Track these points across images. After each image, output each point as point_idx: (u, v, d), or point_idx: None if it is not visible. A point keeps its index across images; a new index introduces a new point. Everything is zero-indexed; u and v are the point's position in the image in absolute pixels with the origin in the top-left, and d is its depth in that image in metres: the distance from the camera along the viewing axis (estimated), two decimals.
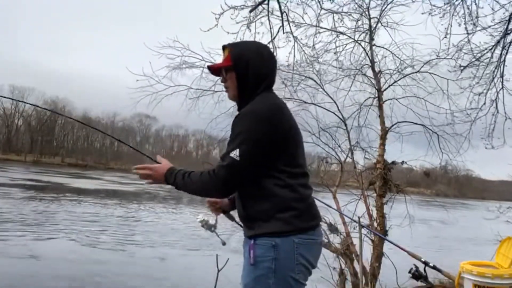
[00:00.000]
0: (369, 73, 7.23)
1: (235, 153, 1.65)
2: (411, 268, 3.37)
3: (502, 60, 6.35)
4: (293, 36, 6.42)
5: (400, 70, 7.08)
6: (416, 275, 3.34)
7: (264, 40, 6.18)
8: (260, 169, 1.69)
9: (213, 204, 2.09)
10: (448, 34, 6.16)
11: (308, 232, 1.72)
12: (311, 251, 1.73)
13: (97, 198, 22.31)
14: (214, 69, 1.93)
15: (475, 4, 5.92)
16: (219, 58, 6.48)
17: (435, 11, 6.07)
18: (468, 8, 5.94)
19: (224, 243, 2.27)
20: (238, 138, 1.68)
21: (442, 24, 6.12)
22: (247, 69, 1.79)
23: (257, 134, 1.66)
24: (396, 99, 7.12)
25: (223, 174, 1.66)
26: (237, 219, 1.97)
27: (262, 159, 1.67)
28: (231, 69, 1.82)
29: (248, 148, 1.65)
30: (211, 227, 2.22)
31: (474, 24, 6.00)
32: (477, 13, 5.93)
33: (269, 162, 1.69)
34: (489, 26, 5.95)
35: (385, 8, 6.87)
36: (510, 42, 6.16)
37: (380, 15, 6.96)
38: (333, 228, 6.34)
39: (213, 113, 6.65)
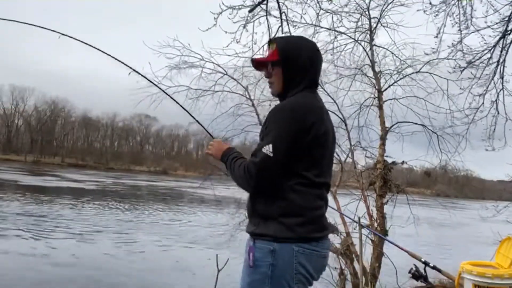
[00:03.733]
0: (369, 73, 7.25)
1: (267, 149, 1.60)
2: (411, 268, 3.37)
3: (502, 60, 6.34)
4: None
5: (400, 70, 7.10)
6: (416, 275, 3.35)
7: (264, 40, 6.19)
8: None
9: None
10: (442, 33, 6.16)
11: (311, 242, 1.64)
12: (312, 262, 1.65)
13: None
14: (259, 63, 1.87)
15: (470, 5, 5.92)
16: (218, 58, 6.45)
17: (430, 8, 6.07)
18: (463, 8, 5.94)
19: None
20: (271, 133, 1.62)
21: (436, 23, 6.13)
22: (294, 66, 1.73)
23: (290, 131, 1.61)
24: (396, 99, 7.13)
25: (255, 171, 1.61)
26: None
27: (291, 157, 1.63)
28: (277, 64, 1.76)
29: (281, 144, 1.60)
30: None
31: (467, 26, 6.00)
32: (471, 14, 5.93)
33: (291, 162, 1.63)
34: (488, 26, 5.95)
35: (385, 8, 6.89)
36: (510, 43, 6.16)
37: (380, 15, 6.98)
38: (333, 228, 6.34)
39: (214, 113, 6.66)
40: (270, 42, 1.83)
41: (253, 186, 1.65)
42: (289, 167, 1.63)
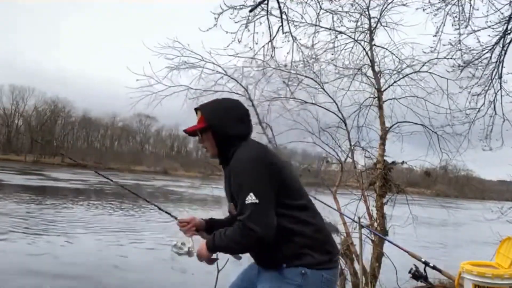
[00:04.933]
0: (369, 73, 7.25)
1: (251, 198, 1.62)
2: (411, 268, 3.37)
3: (500, 60, 6.34)
4: (292, 36, 6.42)
5: (399, 70, 7.09)
6: (416, 275, 3.34)
7: (263, 40, 6.20)
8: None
9: (185, 225, 2.02)
10: (441, 32, 6.17)
11: (332, 268, 1.73)
12: None
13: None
14: (191, 132, 1.94)
15: (470, 4, 5.92)
16: (218, 58, 6.46)
17: (430, 7, 6.09)
18: (462, 8, 5.94)
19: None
20: (244, 185, 1.66)
21: (435, 22, 6.15)
22: (222, 128, 1.82)
23: (258, 174, 1.66)
24: (396, 99, 7.13)
25: (253, 225, 1.61)
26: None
27: (273, 196, 1.67)
28: (206, 131, 1.85)
29: (260, 188, 1.64)
30: (188, 252, 1.96)
31: (465, 26, 6.01)
32: (470, 14, 5.94)
33: (276, 199, 1.69)
34: (489, 27, 5.96)
35: (385, 8, 6.89)
36: (509, 43, 6.15)
37: (380, 15, 6.98)
38: (333, 228, 6.34)
39: None
40: (196, 110, 1.93)
41: (260, 239, 1.62)
42: (277, 203, 1.68)
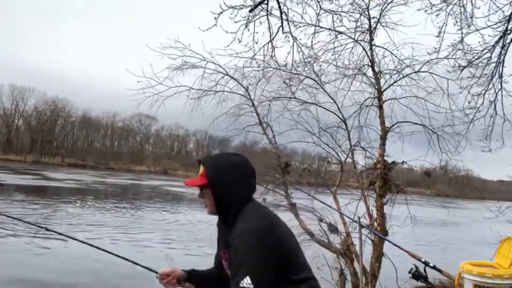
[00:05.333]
0: (369, 73, 7.24)
1: (246, 282, 1.53)
2: (411, 268, 3.37)
3: (501, 60, 6.34)
4: (293, 37, 6.42)
5: (399, 70, 7.09)
6: (416, 275, 3.34)
7: (264, 40, 6.20)
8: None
9: (164, 277, 1.94)
10: (443, 32, 6.17)
11: None
12: None
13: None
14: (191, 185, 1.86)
15: (471, 3, 5.93)
16: (219, 58, 6.45)
17: (431, 8, 6.08)
18: (464, 8, 5.95)
19: None
20: (244, 265, 1.56)
21: (437, 23, 6.14)
22: (222, 188, 1.73)
23: (261, 256, 1.57)
24: (396, 99, 7.12)
25: None
26: None
27: (273, 277, 1.60)
28: (206, 187, 1.76)
29: (258, 272, 1.55)
30: None
31: (468, 26, 6.01)
32: (472, 13, 5.94)
33: (279, 277, 1.62)
34: (489, 26, 5.95)
35: (385, 8, 6.88)
36: (509, 42, 6.15)
37: (380, 15, 6.97)
38: (333, 229, 6.34)
39: (215, 113, 6.67)
40: (199, 162, 1.83)
41: None
42: (280, 281, 1.61)
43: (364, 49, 7.13)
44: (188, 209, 22.39)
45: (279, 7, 5.79)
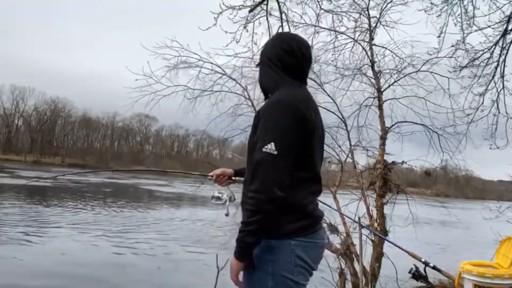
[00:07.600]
0: (369, 73, 7.24)
1: (270, 147, 1.54)
2: (411, 268, 3.37)
3: (502, 60, 6.35)
4: None
5: (400, 69, 7.09)
6: (416, 275, 3.34)
7: (263, 40, 6.19)
8: None
9: (220, 178, 2.17)
10: (444, 33, 6.18)
11: (307, 234, 1.67)
12: (309, 254, 1.67)
13: None
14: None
15: (472, 4, 5.93)
16: (217, 58, 6.44)
17: (432, 9, 6.09)
18: (465, 8, 5.95)
19: (227, 214, 2.21)
20: (269, 131, 1.57)
21: (438, 23, 6.15)
22: (267, 54, 1.82)
23: (289, 125, 1.58)
24: (396, 98, 7.12)
25: (262, 177, 1.54)
26: None
27: (294, 154, 1.60)
28: (259, 65, 1.89)
29: (282, 140, 1.55)
30: (228, 199, 2.20)
31: (469, 25, 6.01)
32: (473, 13, 5.94)
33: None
34: (489, 26, 5.96)
35: (385, 7, 6.88)
36: (510, 42, 6.16)
37: (380, 15, 6.97)
38: (333, 229, 6.33)
39: (212, 114, 6.65)
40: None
41: (272, 193, 1.53)
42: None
43: (364, 48, 7.13)
44: (188, 209, 22.37)
45: (279, 7, 5.79)
